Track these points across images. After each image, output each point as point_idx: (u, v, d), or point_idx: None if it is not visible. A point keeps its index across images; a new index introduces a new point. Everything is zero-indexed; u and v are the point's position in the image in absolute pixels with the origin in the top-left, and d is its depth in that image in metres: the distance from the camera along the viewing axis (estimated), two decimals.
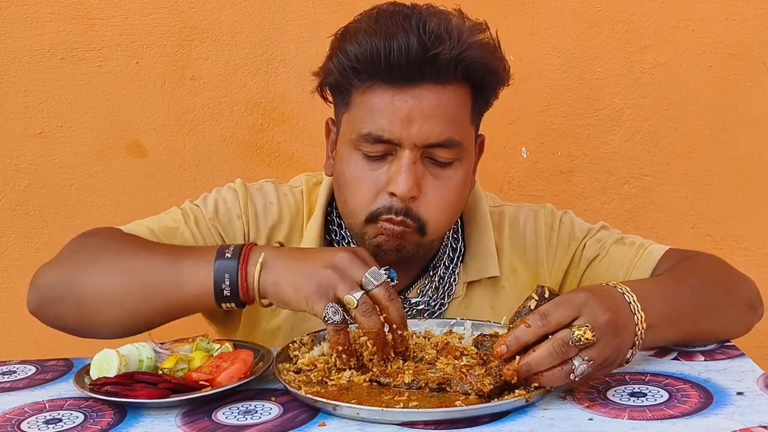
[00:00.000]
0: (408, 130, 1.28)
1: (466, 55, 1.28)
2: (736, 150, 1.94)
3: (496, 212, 1.51)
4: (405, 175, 1.28)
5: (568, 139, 1.93)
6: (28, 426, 1.09)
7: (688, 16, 1.89)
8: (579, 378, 1.05)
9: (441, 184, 1.31)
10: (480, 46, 1.30)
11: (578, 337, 1.04)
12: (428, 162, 1.31)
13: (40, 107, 1.87)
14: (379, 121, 1.28)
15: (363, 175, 1.31)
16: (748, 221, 1.96)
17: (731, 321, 1.31)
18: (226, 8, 1.87)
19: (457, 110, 1.31)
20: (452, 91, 1.30)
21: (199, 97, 1.89)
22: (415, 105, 1.28)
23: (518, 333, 1.06)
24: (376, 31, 1.27)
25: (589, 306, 1.06)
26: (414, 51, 1.25)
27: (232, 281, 1.19)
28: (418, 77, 1.27)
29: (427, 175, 1.31)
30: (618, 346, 1.09)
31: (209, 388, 1.12)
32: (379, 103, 1.29)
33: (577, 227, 1.50)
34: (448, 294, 1.44)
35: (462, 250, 1.46)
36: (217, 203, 1.43)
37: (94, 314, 1.25)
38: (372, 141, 1.29)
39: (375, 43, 1.26)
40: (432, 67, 1.27)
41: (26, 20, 1.84)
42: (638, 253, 1.43)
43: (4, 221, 1.90)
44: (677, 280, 1.30)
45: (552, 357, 1.04)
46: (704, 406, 1.05)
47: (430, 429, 1.03)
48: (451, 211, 1.36)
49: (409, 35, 1.25)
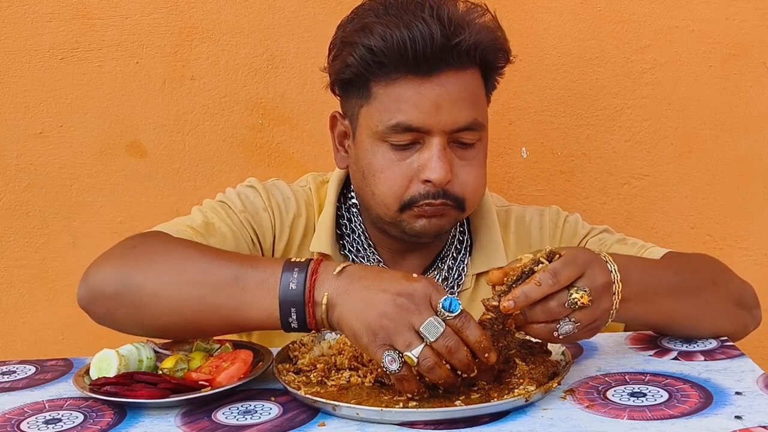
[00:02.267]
0: (437, 118, 1.31)
1: (481, 40, 1.32)
2: (736, 150, 1.94)
3: (502, 211, 1.54)
4: (439, 161, 1.31)
5: (568, 139, 1.93)
6: (28, 426, 1.09)
7: (688, 16, 1.89)
8: (562, 337, 1.07)
9: (468, 164, 1.36)
10: (489, 29, 1.34)
11: (574, 300, 1.06)
12: (454, 145, 1.35)
13: (40, 107, 1.87)
14: (408, 111, 1.31)
15: (392, 164, 1.34)
16: (748, 221, 1.96)
17: (716, 309, 1.30)
18: (226, 8, 1.87)
19: (478, 92, 1.36)
20: (471, 74, 1.35)
21: (199, 97, 1.89)
22: (442, 92, 1.31)
23: (528, 290, 1.06)
24: (396, 23, 1.29)
25: (592, 266, 1.09)
26: (438, 40, 1.29)
27: (300, 317, 1.13)
28: (442, 65, 1.31)
29: (455, 158, 1.35)
30: (607, 311, 1.11)
31: (209, 388, 1.12)
32: (406, 94, 1.31)
33: (580, 225, 1.53)
34: (458, 285, 1.46)
35: (469, 242, 1.49)
36: (241, 197, 1.44)
37: (150, 318, 1.19)
38: (401, 131, 1.32)
39: (399, 36, 1.29)
40: (455, 54, 1.31)
41: (26, 20, 1.84)
42: (639, 252, 1.44)
43: (4, 221, 1.89)
44: (663, 264, 1.32)
45: (545, 315, 1.07)
46: (704, 406, 1.05)
47: (429, 429, 1.03)
48: (482, 186, 1.40)
49: (429, 25, 1.28)
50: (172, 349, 1.22)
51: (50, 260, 1.91)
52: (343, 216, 1.47)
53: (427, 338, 1.03)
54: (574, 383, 1.14)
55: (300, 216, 1.45)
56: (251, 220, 1.41)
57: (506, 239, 1.50)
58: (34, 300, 1.91)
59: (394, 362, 1.04)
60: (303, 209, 1.46)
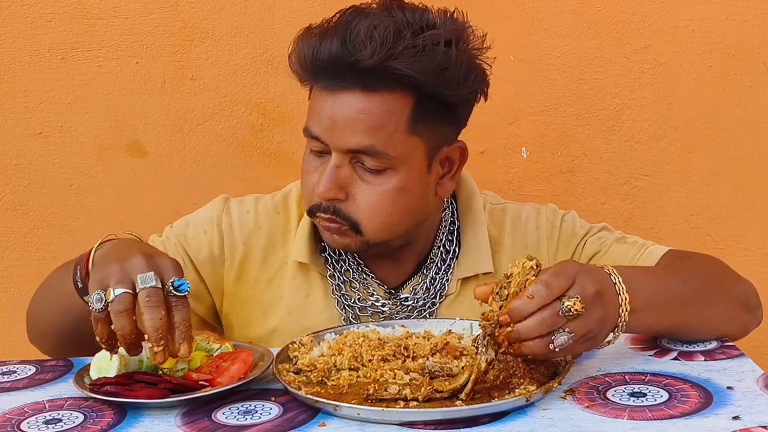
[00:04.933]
0: (331, 133, 1.31)
1: (388, 64, 1.25)
2: (736, 150, 1.94)
3: (498, 209, 1.51)
4: (325, 176, 1.32)
5: (568, 139, 1.93)
6: (28, 426, 1.09)
7: (688, 16, 1.89)
8: (558, 349, 1.06)
9: (371, 190, 1.32)
10: (412, 55, 1.25)
11: (568, 307, 1.05)
12: (359, 167, 1.32)
13: (40, 107, 1.87)
14: (313, 120, 1.34)
15: (308, 169, 1.37)
16: (748, 221, 1.96)
17: (723, 315, 1.30)
18: (226, 8, 1.87)
19: (384, 119, 1.29)
20: (380, 98, 1.28)
21: (199, 97, 1.89)
22: (337, 110, 1.30)
23: (521, 304, 1.05)
24: (318, 34, 1.30)
25: (581, 276, 1.08)
26: (335, 55, 1.27)
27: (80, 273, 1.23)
28: (342, 82, 1.29)
29: (356, 179, 1.32)
30: (601, 321, 1.09)
31: (209, 388, 1.12)
32: (314, 103, 1.34)
33: (578, 225, 1.51)
34: (441, 293, 1.44)
35: (457, 250, 1.47)
36: (189, 221, 1.48)
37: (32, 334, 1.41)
38: (309, 137, 1.35)
39: (306, 45, 1.30)
40: (353, 73, 1.27)
41: (26, 20, 1.84)
42: (639, 252, 1.44)
43: (4, 221, 1.90)
44: (669, 272, 1.31)
45: (541, 327, 1.05)
46: (704, 406, 1.05)
47: (429, 429, 1.03)
48: (387, 216, 1.34)
49: (335, 38, 1.27)
50: None
51: (50, 260, 1.90)
52: None
53: (138, 284, 1.09)
54: (574, 383, 1.14)
55: (259, 229, 1.47)
56: (183, 243, 1.46)
57: (501, 239, 1.48)
58: None
59: (100, 302, 1.10)
60: (263, 222, 1.47)
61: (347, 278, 1.44)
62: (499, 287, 1.10)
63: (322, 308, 1.43)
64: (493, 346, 1.07)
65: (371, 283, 1.44)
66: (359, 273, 1.44)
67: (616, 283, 1.12)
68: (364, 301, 1.43)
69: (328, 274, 1.44)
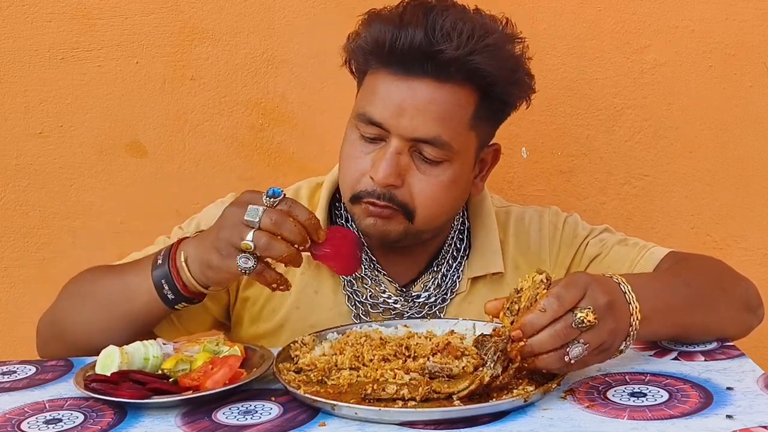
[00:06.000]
0: (398, 120, 1.30)
1: (471, 58, 1.29)
2: (736, 150, 1.94)
3: (502, 212, 1.53)
4: (386, 162, 1.31)
5: (568, 139, 1.93)
6: (28, 426, 1.09)
7: (688, 16, 1.89)
8: (573, 361, 1.05)
9: (426, 180, 1.33)
10: (492, 53, 1.30)
11: (581, 319, 1.04)
12: (417, 156, 1.33)
13: (40, 107, 1.87)
14: (375, 104, 1.32)
15: (356, 154, 1.35)
16: (748, 221, 1.96)
17: (726, 317, 1.30)
18: (226, 8, 1.87)
19: (453, 111, 1.32)
20: (451, 90, 1.31)
21: (199, 97, 1.89)
22: (409, 96, 1.30)
23: (533, 318, 1.05)
24: (392, 19, 1.30)
25: (592, 287, 1.08)
26: (418, 43, 1.28)
27: (170, 285, 1.24)
28: (418, 70, 1.30)
29: (413, 168, 1.33)
30: (614, 331, 1.09)
31: (209, 389, 1.12)
32: (379, 87, 1.32)
33: (580, 227, 1.52)
34: (452, 290, 1.45)
35: (468, 248, 1.48)
36: (200, 220, 1.47)
37: (73, 342, 1.34)
38: (366, 122, 1.33)
39: (385, 30, 1.30)
40: (433, 63, 1.29)
41: (26, 20, 1.84)
42: (640, 254, 1.44)
43: (4, 221, 1.89)
44: (673, 275, 1.31)
45: (554, 340, 1.05)
46: (704, 406, 1.05)
47: (429, 429, 1.03)
48: (438, 207, 1.36)
49: (417, 28, 1.28)
50: (180, 350, 1.22)
51: (50, 260, 1.91)
52: (341, 216, 1.46)
53: (253, 223, 1.13)
54: (574, 383, 1.14)
55: None
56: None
57: (505, 241, 1.49)
58: (34, 300, 1.91)
59: (249, 260, 1.13)
60: None
61: (359, 274, 1.43)
62: (510, 302, 1.10)
63: (331, 304, 1.43)
64: (503, 362, 1.06)
65: (383, 280, 1.44)
66: (371, 270, 1.44)
67: (626, 293, 1.12)
68: (376, 298, 1.43)
69: None
